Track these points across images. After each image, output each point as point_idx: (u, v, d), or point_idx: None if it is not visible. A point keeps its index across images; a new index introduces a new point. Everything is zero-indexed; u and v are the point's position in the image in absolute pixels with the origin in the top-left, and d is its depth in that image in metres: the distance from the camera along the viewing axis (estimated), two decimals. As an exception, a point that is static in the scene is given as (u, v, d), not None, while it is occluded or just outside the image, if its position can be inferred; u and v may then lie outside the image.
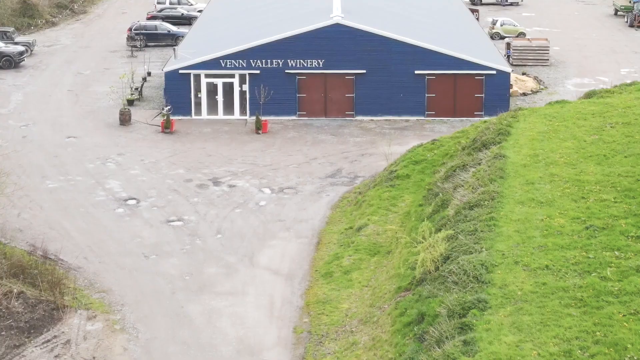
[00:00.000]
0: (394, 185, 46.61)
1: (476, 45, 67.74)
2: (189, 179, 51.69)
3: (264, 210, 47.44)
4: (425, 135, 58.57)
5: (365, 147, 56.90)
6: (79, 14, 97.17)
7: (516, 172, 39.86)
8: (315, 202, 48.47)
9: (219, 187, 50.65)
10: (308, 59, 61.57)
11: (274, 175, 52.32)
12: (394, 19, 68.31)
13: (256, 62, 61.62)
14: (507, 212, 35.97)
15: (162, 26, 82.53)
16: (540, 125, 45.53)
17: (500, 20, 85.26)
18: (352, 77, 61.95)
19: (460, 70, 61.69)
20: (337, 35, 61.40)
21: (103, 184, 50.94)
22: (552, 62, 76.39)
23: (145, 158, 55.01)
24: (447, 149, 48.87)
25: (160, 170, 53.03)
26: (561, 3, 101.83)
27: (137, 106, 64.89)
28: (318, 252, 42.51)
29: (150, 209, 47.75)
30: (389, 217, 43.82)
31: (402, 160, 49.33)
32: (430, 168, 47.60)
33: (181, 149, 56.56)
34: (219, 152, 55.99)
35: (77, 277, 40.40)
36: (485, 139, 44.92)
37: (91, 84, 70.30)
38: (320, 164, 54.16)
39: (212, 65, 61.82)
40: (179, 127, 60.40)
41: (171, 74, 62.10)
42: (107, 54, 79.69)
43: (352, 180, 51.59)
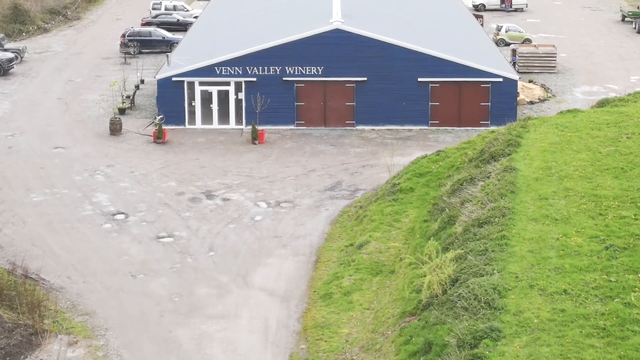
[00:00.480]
0: (397, 199, 44.07)
1: (482, 51, 65.23)
2: (181, 192, 49.15)
3: (260, 226, 44.88)
4: (429, 146, 56.01)
5: (366, 158, 54.34)
6: (72, 20, 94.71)
7: (528, 186, 37.41)
8: (313, 217, 45.92)
9: (212, 200, 48.10)
10: (307, 65, 59.04)
11: (271, 188, 49.78)
12: (397, 25, 65.78)
13: (253, 69, 59.11)
14: (519, 230, 33.51)
15: (157, 32, 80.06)
16: (552, 135, 43.01)
17: (505, 27, 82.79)
18: (352, 85, 59.40)
19: (465, 77, 59.17)
20: (337, 41, 58.87)
21: (90, 198, 48.41)
22: (559, 69, 73.91)
23: (135, 170, 52.47)
24: (452, 161, 46.32)
25: (150, 183, 50.48)
26: (567, 9, 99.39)
27: (129, 115, 62.36)
28: (316, 271, 39.97)
29: (139, 224, 45.20)
30: (391, 234, 41.26)
31: (405, 172, 46.79)
32: (435, 181, 45.05)
33: (173, 160, 54.02)
34: (213, 164, 53.44)
35: (59, 298, 37.86)
36: (494, 150, 42.40)
37: (82, 92, 67.79)
38: (319, 176, 51.62)
39: (207, 73, 59.29)
40: (171, 137, 57.86)
41: (164, 82, 59.56)
42: (99, 61, 77.20)
43: (352, 194, 49.05)
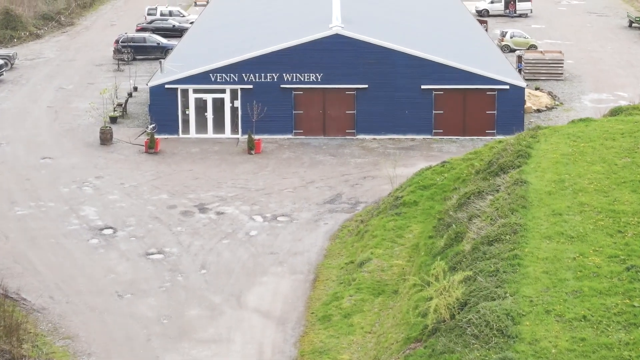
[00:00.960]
0: (400, 213, 41.68)
1: (487, 58, 62.88)
2: (173, 205, 46.77)
3: (255, 241, 42.49)
4: (433, 156, 53.64)
5: (367, 169, 51.97)
6: (65, 25, 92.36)
7: (540, 200, 35.06)
8: (312, 232, 43.55)
9: (205, 214, 45.72)
10: (305, 72, 56.66)
11: (267, 200, 47.40)
12: (399, 30, 63.44)
13: (249, 76, 56.75)
14: (532, 249, 31.16)
15: (151, 38, 77.72)
16: (564, 146, 40.64)
17: (510, 32, 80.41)
18: (352, 93, 57.02)
19: (470, 84, 56.80)
20: (337, 46, 56.52)
21: (77, 211, 46.04)
22: (566, 76, 71.55)
23: (125, 181, 50.09)
24: (458, 173, 43.94)
25: (141, 196, 48.10)
26: (572, 15, 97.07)
27: (121, 124, 60.00)
28: (315, 290, 37.59)
29: (127, 239, 42.81)
30: (394, 251, 38.86)
31: (408, 184, 44.41)
32: (440, 194, 42.67)
33: (166, 171, 51.64)
34: (207, 175, 51.06)
35: (40, 320, 35.54)
36: (503, 161, 40.02)
37: (73, 99, 65.44)
38: (317, 188, 49.24)
39: (201, 80, 56.95)
40: (164, 146, 55.49)
41: (157, 89, 57.21)
42: (92, 67, 74.84)
43: (353, 207, 46.68)
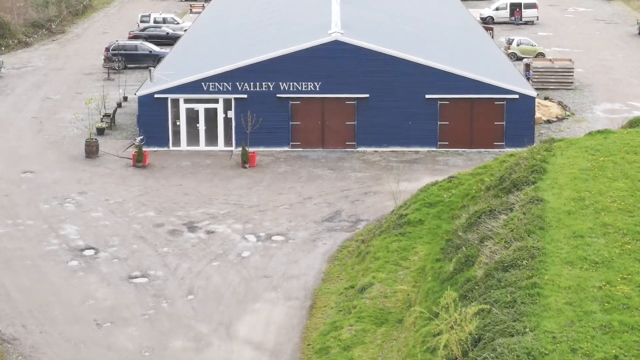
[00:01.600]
0: (405, 233, 38.46)
1: (495, 66, 59.73)
2: (160, 224, 43.55)
3: (247, 264, 39.27)
4: (439, 170, 50.45)
5: (368, 184, 48.75)
6: (56, 33, 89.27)
7: (559, 221, 31.94)
8: (309, 253, 40.33)
9: (194, 233, 42.50)
10: (303, 81, 53.50)
11: (261, 218, 44.17)
12: (402, 37, 60.28)
13: (243, 85, 53.59)
14: (553, 276, 28.04)
15: (143, 46, 74.60)
16: (582, 160, 37.46)
17: (517, 40, 77.27)
18: (353, 102, 53.83)
19: (477, 94, 53.62)
20: (336, 54, 53.35)
21: (57, 230, 42.85)
22: (576, 85, 68.40)
23: (110, 197, 46.89)
24: (467, 189, 40.75)
25: (126, 213, 44.88)
26: (580, 22, 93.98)
27: (108, 135, 56.84)
28: (311, 319, 34.38)
29: (110, 261, 39.61)
30: (398, 275, 35.64)
31: (413, 201, 41.19)
32: (447, 212, 39.46)
33: (154, 187, 48.44)
34: (198, 191, 47.85)
35: (10, 352, 32.36)
36: (516, 177, 36.83)
37: (59, 110, 62.27)
38: (315, 204, 46.03)
39: (193, 89, 53.77)
40: (153, 160, 52.27)
41: (145, 99, 54.03)
42: (81, 76, 71.70)
43: (353, 225, 43.47)
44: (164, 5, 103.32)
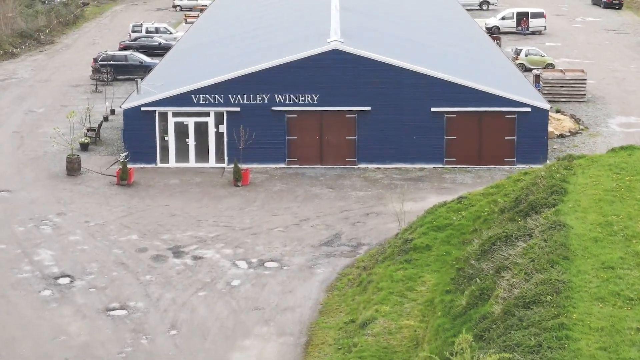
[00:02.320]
0: (410, 260, 34.88)
1: (504, 77, 56.21)
2: (143, 249, 39.96)
3: (237, 294, 35.67)
4: (446, 189, 46.90)
5: (370, 204, 45.16)
6: (44, 44, 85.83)
7: (585, 249, 28.44)
8: (305, 282, 36.74)
9: (180, 259, 38.91)
10: (300, 93, 49.97)
11: (254, 242, 40.58)
12: (405, 46, 56.76)
13: (236, 97, 50.06)
14: (582, 315, 24.51)
15: (134, 57, 71.12)
16: (607, 180, 33.93)
17: (525, 50, 73.76)
18: (353, 116, 50.29)
19: (487, 107, 50.08)
20: (336, 63, 49.84)
21: (31, 255, 39.28)
22: (588, 97, 64.90)
23: (91, 219, 43.32)
24: (478, 210, 37.17)
25: (107, 236, 41.30)
26: (589, 32, 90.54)
27: (93, 151, 53.32)
28: (307, 358, 30.79)
29: (86, 291, 36.04)
30: (404, 308, 32.03)
31: (419, 224, 37.61)
32: (457, 236, 35.89)
33: (138, 207, 44.87)
34: (186, 211, 44.27)
35: (-32, 397, 28.70)
36: (534, 199, 33.26)
37: (42, 124, 58.73)
38: (313, 226, 42.43)
39: (182, 101, 50.25)
40: (139, 177, 48.72)
41: (131, 112, 50.50)
42: (67, 88, 68.22)
43: (354, 250, 39.89)
44: (158, 15, 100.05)
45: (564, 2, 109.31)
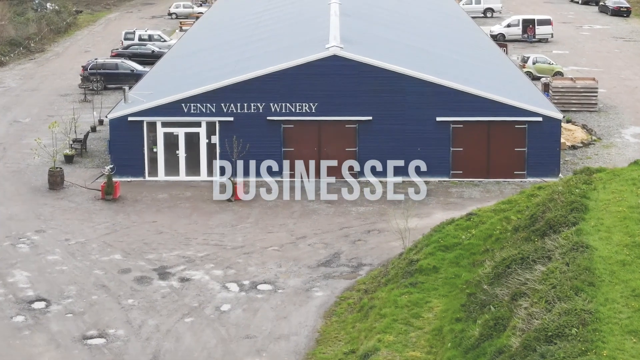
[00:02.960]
0: (416, 283, 31.90)
1: (513, 84, 53.27)
2: (126, 269, 36.96)
3: (227, 320, 32.66)
4: (453, 204, 43.94)
5: (372, 221, 42.17)
6: (34, 52, 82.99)
7: (612, 274, 25.63)
8: (301, 306, 33.72)
9: (166, 281, 35.90)
10: (297, 101, 47.07)
11: (246, 262, 37.58)
12: (408, 52, 53.80)
13: (229, 106, 47.14)
14: (614, 352, 21.75)
15: (124, 65, 68.21)
16: (631, 195, 31.02)
17: (533, 58, 70.82)
18: (354, 126, 47.36)
19: (495, 116, 47.13)
20: (335, 70, 46.91)
21: (5, 277, 36.30)
22: (600, 106, 61.96)
23: (72, 237, 40.34)
24: (490, 228, 34.20)
25: (88, 256, 38.31)
26: (597, 40, 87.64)
27: (78, 164, 50.39)
28: (302, 394, 27.78)
29: (62, 316, 33.05)
30: (409, 337, 29.02)
31: (425, 243, 34.63)
32: (467, 257, 32.91)
33: (123, 224, 41.89)
34: (174, 228, 41.29)
35: None
36: (552, 216, 30.33)
37: (27, 134, 55.78)
38: (310, 245, 39.43)
39: (172, 111, 47.31)
40: (125, 191, 45.76)
41: (118, 122, 47.56)
42: (55, 98, 65.31)
43: (354, 271, 36.88)
44: (153, 22, 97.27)
45: (570, 9, 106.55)
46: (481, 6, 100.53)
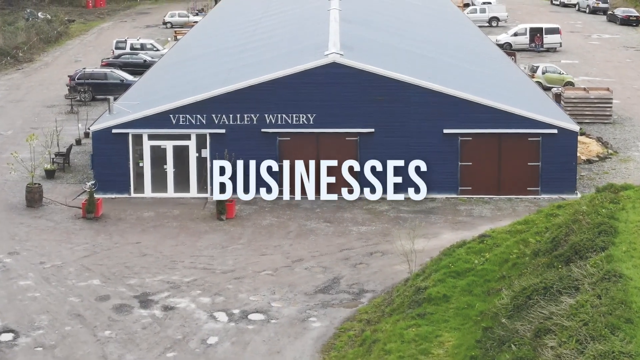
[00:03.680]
0: (424, 314, 28.55)
1: (524, 94, 50.01)
2: (105, 296, 33.62)
3: (213, 354, 29.31)
4: (462, 223, 40.63)
5: (375, 242, 38.83)
6: (22, 62, 79.88)
7: (652, 309, 22.16)
8: (296, 339, 30.37)
9: (148, 310, 32.55)
10: (293, 112, 43.82)
11: (236, 288, 34.24)
12: (413, 59, 50.56)
13: (221, 117, 43.89)
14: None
15: (114, 74, 65.04)
16: (665, 216, 27.64)
17: (542, 67, 67.60)
18: (354, 139, 44.10)
19: (507, 128, 43.85)
20: (334, 79, 43.66)
21: (-29, 305, 32.99)
22: (614, 118, 58.74)
23: (47, 260, 37.02)
24: (505, 252, 30.88)
25: (64, 281, 34.98)
26: (607, 49, 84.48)
27: (59, 179, 47.14)
28: None
29: (31, 350, 29.72)
30: (418, 378, 25.67)
31: (434, 268, 31.32)
32: (481, 284, 29.59)
33: (104, 245, 38.57)
34: (159, 250, 37.96)
35: None
36: (577, 240, 27.04)
37: (8, 148, 52.44)
38: (307, 269, 36.08)
39: (159, 122, 44.03)
40: (109, 209, 42.47)
41: (101, 135, 44.30)
42: (41, 109, 62.13)
43: (355, 298, 33.52)
44: (147, 32, 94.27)
45: (578, 18, 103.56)
46: (486, 15, 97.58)
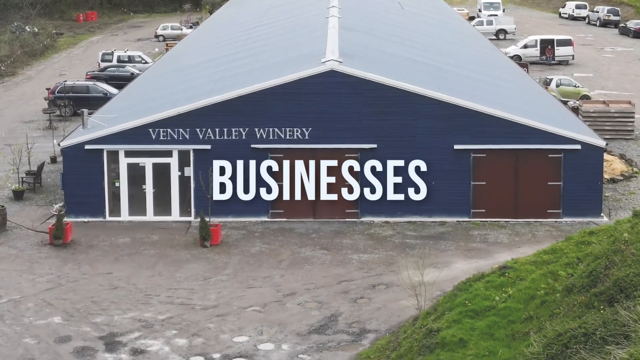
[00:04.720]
0: (438, 363, 23.97)
1: (542, 107, 45.53)
2: (65, 337, 29.04)
3: (187, 411, 24.77)
4: (476, 250, 36.07)
5: (377, 272, 34.24)
6: (4, 76, 75.62)
7: None
8: (286, 391, 25.80)
9: (113, 354, 27.96)
10: (287, 126, 39.35)
11: (218, 328, 29.64)
12: (418, 68, 46.10)
13: (206, 131, 39.42)
14: None
15: (97, 88, 60.78)
16: None
17: (556, 80, 63.23)
18: (355, 155, 39.60)
19: (524, 143, 39.35)
20: (333, 88, 39.19)
21: None
22: (636, 133, 54.34)
23: (4, 293, 32.48)
24: (531, 287, 26.33)
25: (20, 319, 30.41)
26: (622, 62, 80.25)
27: (29, 200, 42.69)
28: None
29: (-29, 405, 25.18)
30: None
31: (448, 306, 26.77)
32: (505, 326, 25.00)
33: (71, 276, 34.01)
34: (133, 282, 33.39)
35: None
36: (622, 275, 22.57)
37: (-24, 166, 48.08)
38: (300, 304, 31.48)
39: (138, 137, 39.55)
40: (80, 235, 37.95)
41: (73, 152, 39.79)
42: (18, 124, 57.79)
43: (355, 340, 28.88)
44: (139, 45, 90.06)
45: (588, 31, 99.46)
46: (493, 27, 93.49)
